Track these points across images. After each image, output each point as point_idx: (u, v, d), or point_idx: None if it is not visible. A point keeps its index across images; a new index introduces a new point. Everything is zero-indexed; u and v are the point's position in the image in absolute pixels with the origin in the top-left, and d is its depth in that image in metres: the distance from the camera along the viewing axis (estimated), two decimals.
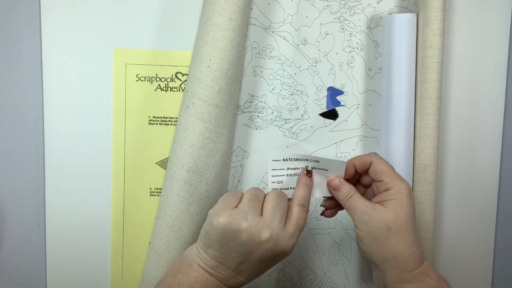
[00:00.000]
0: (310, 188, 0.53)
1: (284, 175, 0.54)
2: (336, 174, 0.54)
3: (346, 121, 0.64)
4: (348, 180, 0.54)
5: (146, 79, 0.62)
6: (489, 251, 0.67)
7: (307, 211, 0.52)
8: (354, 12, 0.63)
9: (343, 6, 0.63)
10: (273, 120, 0.64)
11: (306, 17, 0.62)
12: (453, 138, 0.65)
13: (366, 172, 0.54)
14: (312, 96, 0.64)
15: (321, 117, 0.64)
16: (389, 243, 0.49)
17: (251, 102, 0.63)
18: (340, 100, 0.64)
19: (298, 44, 0.63)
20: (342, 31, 0.63)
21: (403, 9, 0.63)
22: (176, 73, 0.62)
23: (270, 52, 0.63)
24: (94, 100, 0.62)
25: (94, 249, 0.63)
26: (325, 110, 0.64)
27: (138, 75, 0.62)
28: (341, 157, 0.64)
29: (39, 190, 0.63)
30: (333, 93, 0.64)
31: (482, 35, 0.64)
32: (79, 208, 0.63)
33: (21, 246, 0.63)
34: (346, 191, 0.52)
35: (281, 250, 0.49)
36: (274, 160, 0.53)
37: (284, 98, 0.64)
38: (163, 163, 0.63)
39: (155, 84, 0.62)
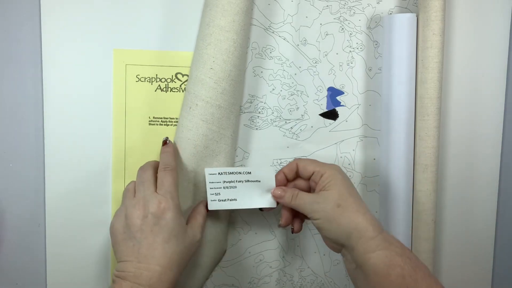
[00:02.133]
0: (170, 152, 0.56)
1: (221, 188, 0.57)
2: (268, 183, 0.57)
3: (346, 121, 0.64)
4: None
5: (146, 79, 0.62)
6: (489, 251, 0.67)
7: (172, 169, 0.54)
8: (354, 12, 0.63)
9: (343, 6, 0.63)
10: (273, 121, 0.64)
11: (306, 17, 0.62)
12: (453, 138, 0.65)
13: (298, 177, 0.57)
14: (312, 96, 0.64)
15: (321, 117, 0.64)
16: (344, 217, 0.51)
17: (251, 102, 0.63)
18: (340, 100, 0.64)
19: (298, 45, 0.63)
20: (342, 31, 0.63)
21: (403, 9, 0.63)
22: (176, 73, 0.62)
23: (270, 52, 0.63)
24: (94, 101, 0.62)
25: (94, 249, 0.63)
26: (325, 110, 0.64)
27: (138, 76, 0.62)
28: (341, 157, 0.65)
29: (39, 190, 0.63)
30: (333, 93, 0.64)
31: (482, 35, 0.64)
32: (79, 208, 0.63)
33: (21, 246, 0.63)
34: (290, 193, 0.55)
35: (154, 212, 0.51)
36: (211, 174, 0.56)
37: (284, 98, 0.64)
38: None
39: (155, 84, 0.62)
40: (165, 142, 0.57)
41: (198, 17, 0.61)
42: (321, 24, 0.63)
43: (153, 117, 0.62)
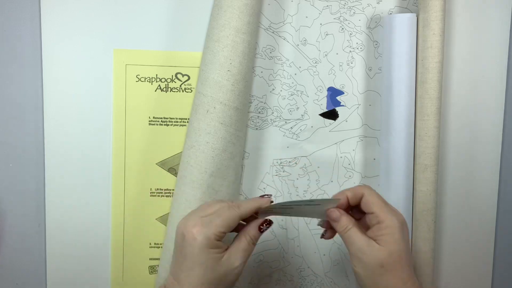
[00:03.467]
0: (254, 202, 0.53)
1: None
2: (328, 206, 0.53)
3: (346, 121, 0.64)
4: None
5: (146, 79, 0.62)
6: (489, 251, 0.67)
7: (236, 208, 0.51)
8: (354, 12, 0.63)
9: (343, 6, 0.63)
10: (273, 121, 0.64)
11: (306, 17, 0.62)
12: (453, 138, 0.65)
13: (358, 204, 0.53)
14: (312, 97, 0.64)
15: (321, 117, 0.64)
16: (383, 280, 0.49)
17: (251, 102, 0.63)
18: (340, 100, 0.64)
19: (298, 45, 0.63)
20: (342, 31, 0.63)
21: (403, 9, 0.63)
22: (176, 73, 0.62)
23: (270, 52, 0.63)
24: (94, 101, 0.62)
25: (94, 249, 0.63)
26: (325, 110, 0.64)
27: (138, 76, 0.62)
28: (341, 157, 0.65)
29: (39, 190, 0.63)
30: (333, 93, 0.64)
31: (482, 35, 0.64)
32: (79, 208, 0.63)
33: (21, 246, 0.63)
34: (345, 223, 0.52)
35: (185, 234, 0.50)
36: (262, 214, 0.53)
37: (284, 98, 0.64)
38: (164, 164, 0.63)
39: (155, 84, 0.62)
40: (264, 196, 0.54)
41: (198, 17, 0.61)
42: (321, 24, 0.63)
43: (153, 117, 0.62)
